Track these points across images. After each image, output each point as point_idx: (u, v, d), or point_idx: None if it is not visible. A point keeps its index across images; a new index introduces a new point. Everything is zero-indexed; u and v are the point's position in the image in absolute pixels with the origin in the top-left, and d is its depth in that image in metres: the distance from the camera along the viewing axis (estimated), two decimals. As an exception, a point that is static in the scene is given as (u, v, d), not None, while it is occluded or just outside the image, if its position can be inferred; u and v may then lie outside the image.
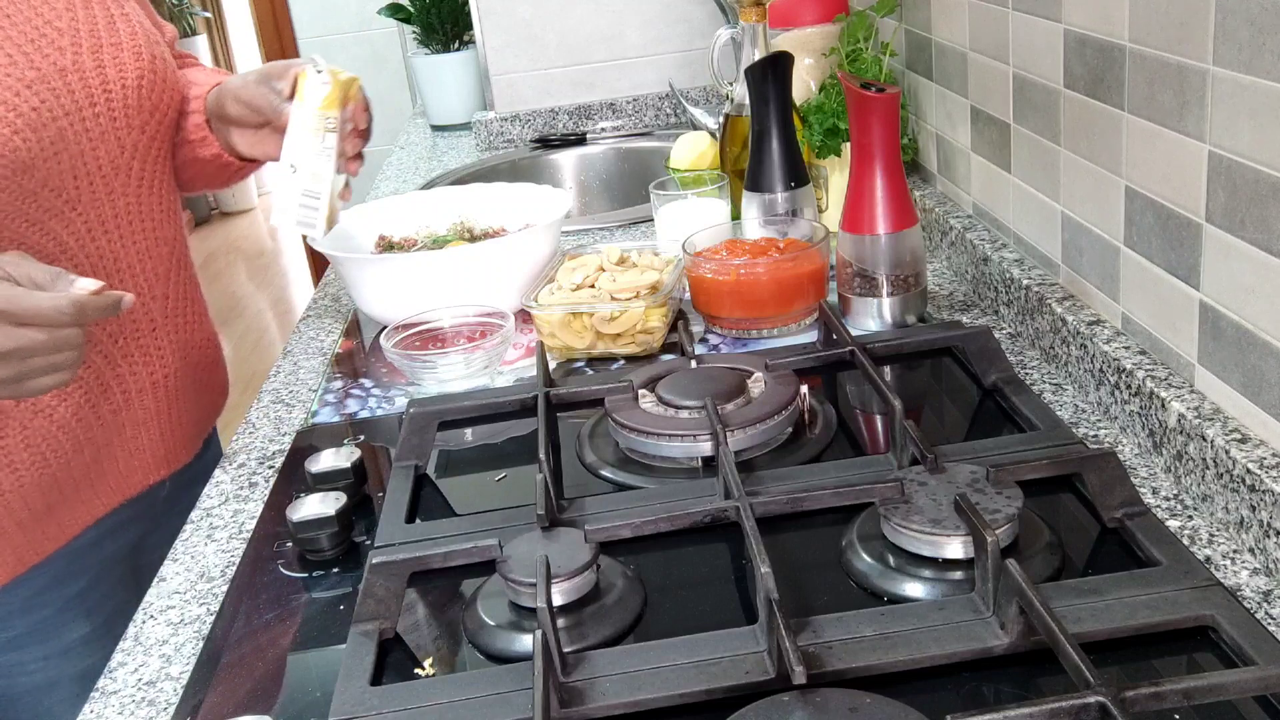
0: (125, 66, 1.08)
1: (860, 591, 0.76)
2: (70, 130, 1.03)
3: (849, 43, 1.44)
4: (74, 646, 1.13)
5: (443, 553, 0.79)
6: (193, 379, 1.21)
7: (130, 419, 1.14)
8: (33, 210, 1.01)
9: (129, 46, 1.09)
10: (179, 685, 0.78)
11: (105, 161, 1.07)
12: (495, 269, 1.27)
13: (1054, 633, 0.61)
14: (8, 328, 0.84)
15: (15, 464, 1.04)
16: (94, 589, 1.15)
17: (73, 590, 1.13)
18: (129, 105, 1.09)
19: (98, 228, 1.08)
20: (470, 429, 1.08)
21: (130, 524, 1.18)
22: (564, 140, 2.17)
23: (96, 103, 1.06)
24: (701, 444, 0.92)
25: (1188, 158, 0.83)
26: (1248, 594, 0.73)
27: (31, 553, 1.08)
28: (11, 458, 1.04)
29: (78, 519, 1.12)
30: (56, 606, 1.12)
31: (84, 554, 1.13)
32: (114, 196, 1.09)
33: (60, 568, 1.11)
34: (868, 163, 1.13)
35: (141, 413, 1.15)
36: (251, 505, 1.01)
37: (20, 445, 1.04)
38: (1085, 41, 0.96)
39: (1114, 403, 0.94)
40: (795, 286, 1.17)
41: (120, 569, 1.17)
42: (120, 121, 1.08)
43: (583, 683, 0.68)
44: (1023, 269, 1.13)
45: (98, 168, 1.07)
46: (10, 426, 1.03)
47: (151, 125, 1.12)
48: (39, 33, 1.03)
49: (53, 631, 1.12)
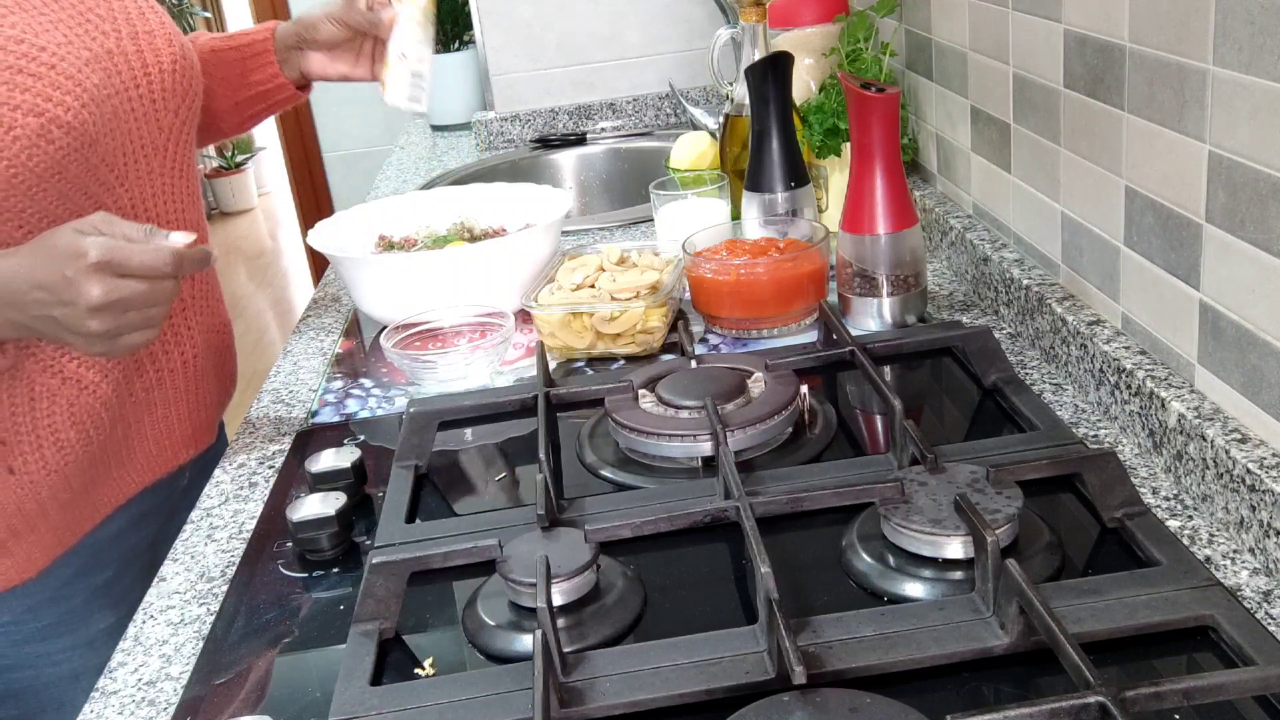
0: (160, 51, 1.12)
1: (860, 591, 0.76)
2: (123, 109, 1.08)
3: (849, 43, 1.44)
4: (98, 638, 1.14)
5: (443, 553, 0.79)
6: (213, 362, 1.24)
7: (161, 397, 1.17)
8: (92, 184, 1.05)
9: (161, 33, 1.13)
10: (179, 685, 0.78)
11: (148, 141, 1.11)
12: (495, 269, 1.27)
13: (1054, 633, 0.61)
14: (111, 279, 0.86)
15: (62, 442, 1.07)
16: (118, 581, 1.17)
17: (98, 581, 1.15)
18: (165, 89, 1.13)
19: (139, 205, 1.11)
20: (470, 429, 1.08)
21: (151, 515, 1.20)
22: (564, 140, 2.17)
23: (140, 84, 1.10)
24: (701, 444, 0.92)
25: (1188, 158, 0.83)
26: (1248, 594, 0.73)
27: (69, 534, 1.11)
28: (58, 435, 1.06)
29: (110, 499, 1.14)
30: (84, 596, 1.14)
31: (109, 544, 1.16)
32: (153, 176, 1.13)
33: (86, 558, 1.14)
34: (868, 163, 1.13)
35: (172, 392, 1.18)
36: (251, 505, 1.01)
37: (68, 423, 1.07)
38: (1085, 41, 0.96)
39: (1114, 403, 0.94)
40: (795, 286, 1.17)
41: (139, 563, 1.19)
42: (159, 104, 1.12)
43: (583, 683, 0.68)
44: (1023, 269, 1.13)
45: (140, 147, 1.10)
46: (58, 404, 1.06)
47: (184, 109, 1.16)
48: (83, 18, 1.07)
49: (79, 622, 1.14)
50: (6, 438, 1.04)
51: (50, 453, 1.06)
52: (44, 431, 1.05)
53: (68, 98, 0.99)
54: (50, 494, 1.08)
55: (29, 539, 1.08)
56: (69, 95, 0.99)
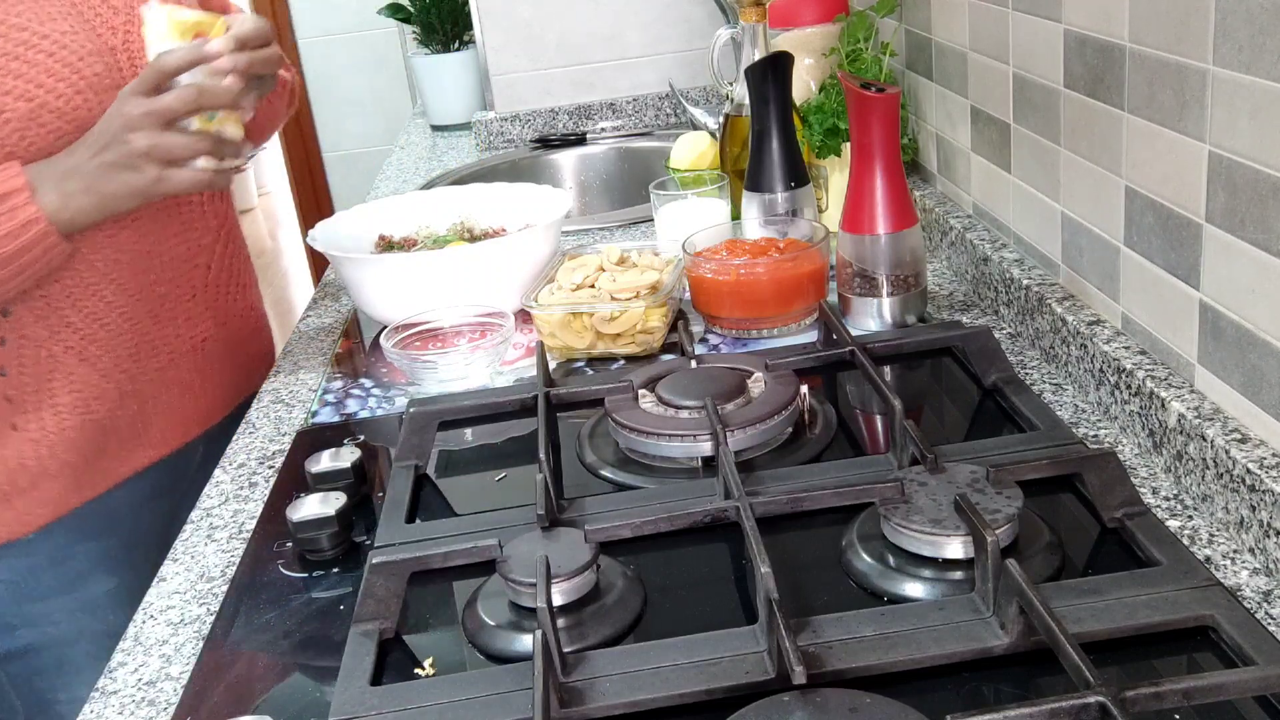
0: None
1: (860, 591, 0.76)
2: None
3: (849, 43, 1.44)
4: (99, 600, 1.19)
5: (443, 553, 0.79)
6: (229, 345, 1.30)
7: (175, 378, 1.23)
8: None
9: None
10: (179, 685, 0.78)
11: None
12: (495, 269, 1.27)
13: (1054, 633, 0.61)
14: (144, 99, 0.99)
15: (59, 407, 1.13)
16: (124, 549, 1.21)
17: (102, 547, 1.20)
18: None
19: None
20: (470, 429, 1.08)
21: (167, 493, 1.24)
22: (564, 140, 2.17)
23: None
24: (701, 444, 0.92)
25: (1188, 158, 0.83)
26: (1248, 594, 0.73)
27: (72, 496, 1.16)
28: (56, 401, 1.13)
29: (118, 469, 1.20)
30: (85, 561, 1.19)
31: (117, 513, 1.21)
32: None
33: (93, 523, 1.19)
34: (868, 163, 1.13)
35: (186, 373, 1.24)
36: (251, 505, 1.01)
37: (64, 389, 1.13)
38: (1085, 41, 0.96)
39: (1114, 403, 0.94)
40: (795, 286, 1.17)
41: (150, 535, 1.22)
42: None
43: (583, 683, 0.68)
44: (1023, 269, 1.13)
45: None
46: (57, 373, 1.13)
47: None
48: (94, 11, 1.12)
49: (80, 584, 1.19)
50: (14, 396, 1.10)
51: (49, 417, 1.12)
52: (45, 397, 1.11)
53: (61, 84, 1.04)
54: (50, 455, 1.13)
55: (30, 495, 1.13)
56: (63, 82, 1.04)
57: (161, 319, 1.20)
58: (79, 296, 1.12)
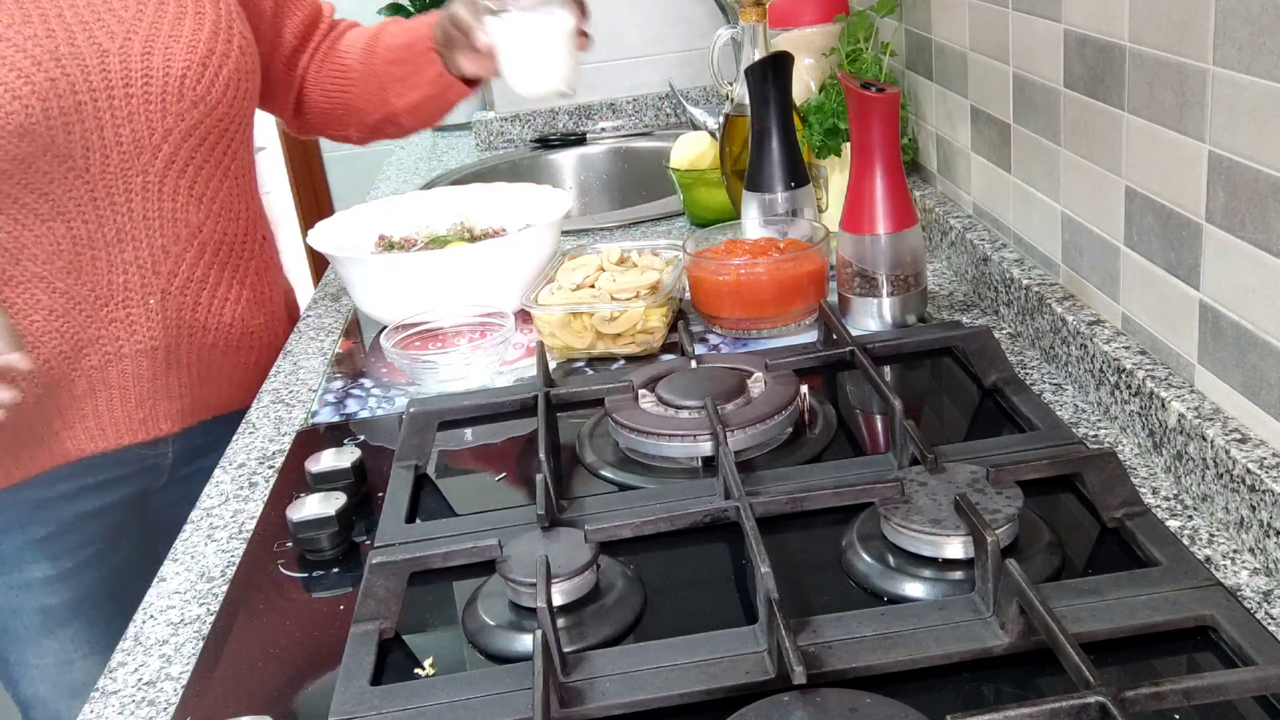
0: (174, 59, 1.17)
1: (860, 591, 0.76)
2: (91, 105, 1.12)
3: (849, 43, 1.44)
4: (34, 583, 1.24)
5: (443, 553, 0.79)
6: (186, 359, 1.26)
7: (113, 378, 1.21)
8: (30, 174, 1.09)
9: (187, 41, 1.18)
10: (179, 685, 0.78)
11: (127, 139, 1.15)
12: (495, 269, 1.27)
13: (1054, 633, 0.61)
14: None
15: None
16: (59, 538, 1.24)
17: (34, 535, 1.23)
18: (168, 92, 1.16)
19: (103, 198, 1.15)
20: (470, 429, 1.08)
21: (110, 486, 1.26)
22: (564, 140, 2.17)
23: (131, 84, 1.14)
24: (701, 444, 0.92)
25: (1188, 158, 0.83)
26: (1248, 594, 0.73)
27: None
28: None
29: (44, 460, 1.21)
30: (16, 545, 1.23)
31: (49, 504, 1.23)
32: (131, 172, 1.16)
33: (21, 512, 1.22)
34: (868, 163, 1.13)
35: (122, 376, 1.22)
36: (251, 505, 1.01)
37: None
38: (1085, 41, 0.96)
39: (1114, 403, 0.94)
40: (795, 286, 1.17)
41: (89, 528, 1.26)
42: (155, 106, 1.16)
43: (583, 683, 0.68)
44: (1023, 269, 1.13)
45: (117, 143, 1.15)
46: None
47: (193, 114, 1.19)
48: (95, 15, 1.13)
49: (12, 566, 1.23)
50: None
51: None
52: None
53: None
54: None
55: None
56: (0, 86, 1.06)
57: (100, 321, 1.18)
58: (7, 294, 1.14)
